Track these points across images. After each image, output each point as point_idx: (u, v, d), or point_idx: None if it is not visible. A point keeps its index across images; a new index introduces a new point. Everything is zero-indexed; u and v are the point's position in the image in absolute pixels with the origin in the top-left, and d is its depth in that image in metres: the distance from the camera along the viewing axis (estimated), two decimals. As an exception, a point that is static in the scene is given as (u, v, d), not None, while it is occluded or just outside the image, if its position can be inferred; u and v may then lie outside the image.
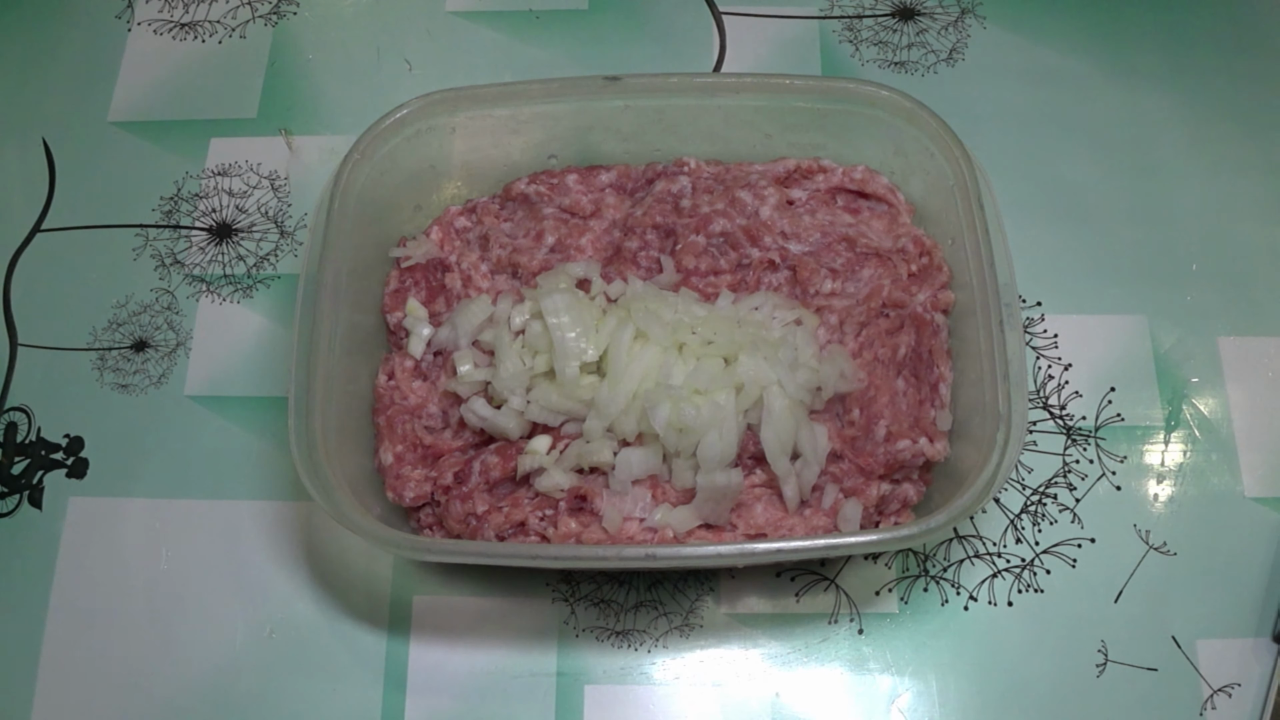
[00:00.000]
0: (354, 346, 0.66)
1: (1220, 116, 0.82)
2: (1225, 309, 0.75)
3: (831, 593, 0.68)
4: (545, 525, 0.63)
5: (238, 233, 0.80)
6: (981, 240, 0.63)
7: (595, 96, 0.69)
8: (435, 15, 0.88)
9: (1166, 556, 0.69)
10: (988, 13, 0.86)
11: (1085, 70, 0.83)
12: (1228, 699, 0.65)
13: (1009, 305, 0.61)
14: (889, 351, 0.67)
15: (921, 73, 0.84)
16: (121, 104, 0.85)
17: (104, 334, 0.77)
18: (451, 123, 0.69)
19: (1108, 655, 0.66)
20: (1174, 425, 0.72)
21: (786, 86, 0.68)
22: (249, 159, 0.82)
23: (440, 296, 0.70)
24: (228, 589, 0.69)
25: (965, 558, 0.69)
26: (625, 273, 0.69)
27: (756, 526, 0.63)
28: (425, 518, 0.67)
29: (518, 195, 0.73)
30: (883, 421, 0.65)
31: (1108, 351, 0.74)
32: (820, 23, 0.86)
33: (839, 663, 0.66)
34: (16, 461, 0.73)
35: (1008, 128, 0.81)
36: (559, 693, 0.66)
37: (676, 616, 0.68)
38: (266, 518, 0.71)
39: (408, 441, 0.67)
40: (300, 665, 0.67)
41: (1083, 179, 0.80)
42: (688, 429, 0.61)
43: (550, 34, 0.86)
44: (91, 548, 0.71)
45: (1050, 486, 0.71)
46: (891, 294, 0.68)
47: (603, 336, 0.64)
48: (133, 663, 0.68)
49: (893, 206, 0.72)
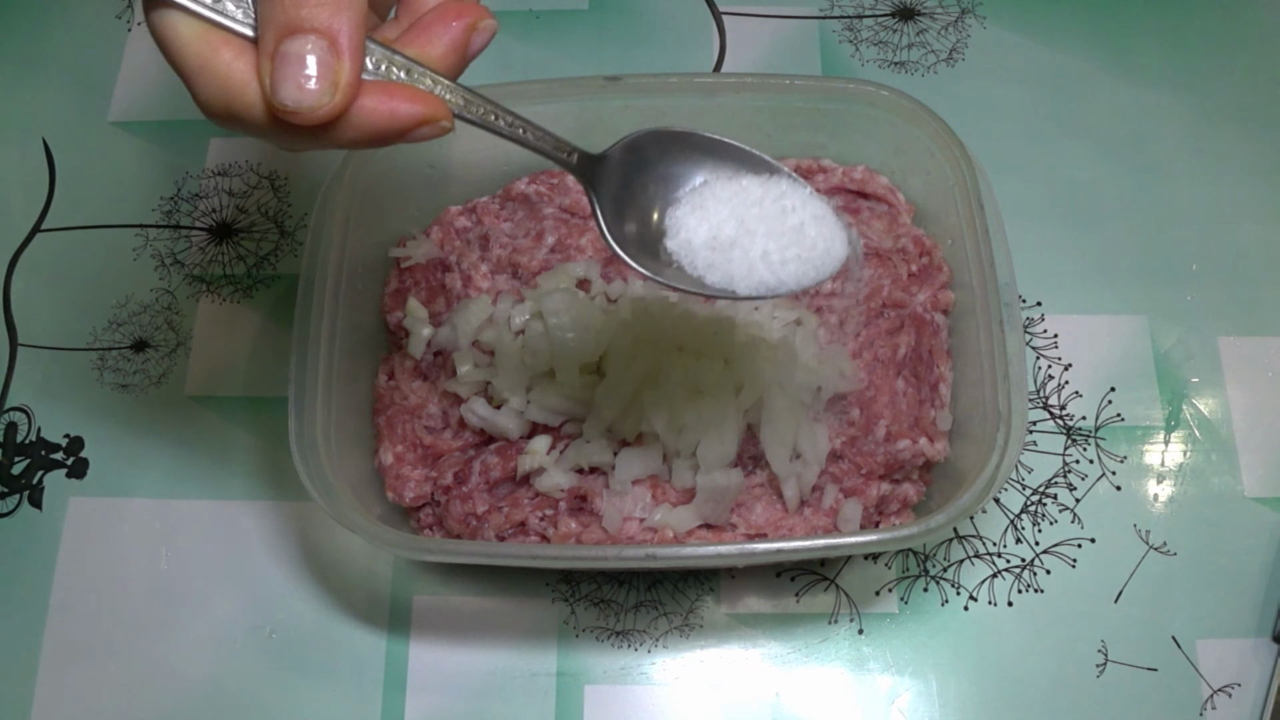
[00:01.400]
0: (354, 346, 0.66)
1: (1220, 116, 0.82)
2: (1225, 309, 0.75)
3: (831, 593, 0.68)
4: (545, 525, 0.63)
5: (238, 233, 0.80)
6: (981, 240, 0.63)
7: (595, 96, 0.69)
8: (435, 15, 0.87)
9: (1166, 556, 0.69)
10: (988, 13, 0.86)
11: (1085, 70, 0.83)
12: (1228, 699, 0.65)
13: (1009, 305, 0.61)
14: (889, 351, 0.67)
15: (921, 73, 0.84)
16: (121, 104, 0.85)
17: (104, 334, 0.77)
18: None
19: (1108, 655, 0.66)
20: (1174, 425, 0.72)
21: (786, 86, 0.68)
22: (249, 159, 0.82)
23: (440, 296, 0.70)
24: (228, 589, 0.69)
25: (965, 558, 0.69)
26: (625, 273, 0.69)
27: (756, 526, 0.63)
28: (425, 518, 0.67)
29: (518, 195, 0.73)
30: (883, 421, 0.65)
31: (1108, 351, 0.74)
32: (820, 23, 0.86)
33: (839, 663, 0.66)
34: (16, 461, 0.73)
35: (1008, 128, 0.81)
36: (559, 693, 0.66)
37: (676, 616, 0.68)
38: (266, 518, 0.71)
39: (408, 442, 0.67)
40: (300, 665, 0.67)
41: (1083, 179, 0.80)
42: (688, 429, 0.61)
43: (550, 34, 0.86)
44: (91, 548, 0.71)
45: (1050, 486, 0.71)
46: (891, 294, 0.68)
47: (603, 336, 0.64)
48: (133, 663, 0.68)
49: (893, 206, 0.72)
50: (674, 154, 0.50)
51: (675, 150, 0.50)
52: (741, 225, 0.47)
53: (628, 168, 0.49)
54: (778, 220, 0.47)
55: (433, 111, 0.42)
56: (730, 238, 0.47)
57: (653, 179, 0.49)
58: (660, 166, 0.50)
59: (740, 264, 0.47)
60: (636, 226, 0.49)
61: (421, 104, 0.41)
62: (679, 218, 0.49)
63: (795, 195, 0.49)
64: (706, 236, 0.47)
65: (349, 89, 0.39)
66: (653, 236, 0.49)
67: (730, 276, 0.47)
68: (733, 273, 0.47)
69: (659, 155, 0.50)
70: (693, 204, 0.49)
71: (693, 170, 0.50)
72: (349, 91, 0.40)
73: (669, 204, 0.49)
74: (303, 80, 0.38)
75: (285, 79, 0.39)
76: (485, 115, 0.45)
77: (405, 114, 0.41)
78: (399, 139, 0.42)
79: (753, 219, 0.47)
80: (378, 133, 0.41)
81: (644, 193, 0.49)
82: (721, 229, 0.47)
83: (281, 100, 0.39)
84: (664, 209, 0.49)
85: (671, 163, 0.50)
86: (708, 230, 0.47)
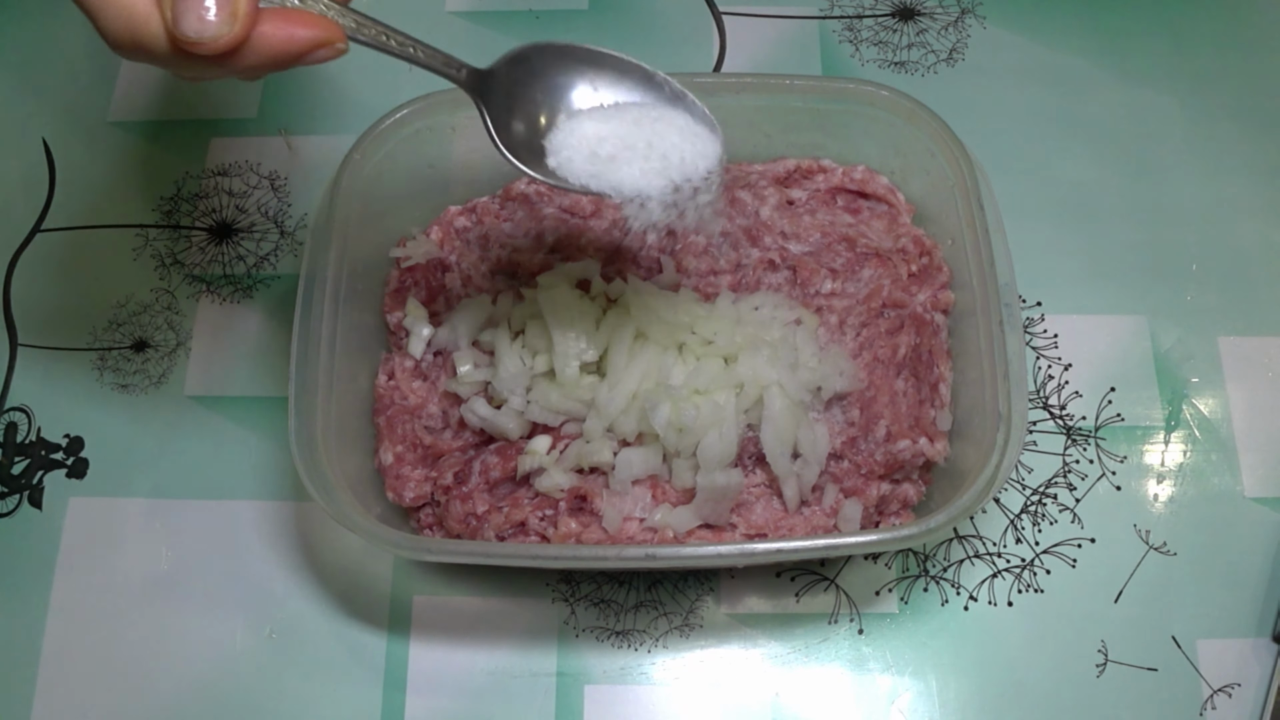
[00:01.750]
0: (354, 346, 0.66)
1: (1220, 116, 0.82)
2: (1225, 309, 0.75)
3: (831, 593, 0.68)
4: (545, 525, 0.63)
5: (238, 233, 0.80)
6: (981, 240, 0.63)
7: (595, 96, 0.69)
8: (435, 15, 0.88)
9: (1166, 556, 0.69)
10: (988, 13, 0.86)
11: (1085, 70, 0.83)
12: (1228, 699, 0.65)
13: (1009, 305, 0.61)
14: (889, 351, 0.67)
15: (921, 73, 0.84)
16: (121, 104, 0.85)
17: (104, 334, 0.77)
18: (451, 123, 0.69)
19: (1108, 655, 0.66)
20: (1174, 425, 0.72)
21: (786, 86, 0.68)
22: (249, 159, 0.82)
23: (440, 296, 0.70)
24: (228, 589, 0.69)
25: (965, 558, 0.69)
26: (625, 273, 0.69)
27: (756, 526, 0.63)
28: (425, 518, 0.67)
29: (518, 195, 0.73)
30: (883, 421, 0.65)
31: (1108, 351, 0.74)
32: (820, 23, 0.86)
33: (839, 663, 0.66)
34: (16, 461, 0.73)
35: (1008, 128, 0.81)
36: (559, 693, 0.66)
37: (676, 616, 0.68)
38: (266, 518, 0.71)
39: (408, 441, 0.67)
40: (300, 665, 0.67)
41: (1083, 179, 0.80)
42: (688, 429, 0.61)
43: (550, 34, 0.86)
44: (91, 548, 0.71)
45: (1050, 486, 0.71)
46: (891, 294, 0.68)
47: (603, 336, 0.64)
48: (133, 663, 0.68)
49: (893, 206, 0.72)
50: (558, 66, 0.54)
51: (559, 62, 0.54)
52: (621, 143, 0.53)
53: (514, 81, 0.54)
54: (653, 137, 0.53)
55: (328, 34, 0.44)
56: (610, 154, 0.53)
57: (539, 90, 0.54)
58: (545, 78, 0.54)
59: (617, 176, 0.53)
60: (525, 134, 0.54)
61: (317, 28, 0.44)
62: (565, 134, 0.53)
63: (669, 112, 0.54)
64: (588, 152, 0.53)
65: (247, 18, 0.42)
66: (541, 148, 0.54)
67: (609, 185, 0.53)
68: (611, 181, 0.53)
69: (543, 67, 0.54)
70: (576, 123, 0.54)
71: (576, 80, 0.54)
72: (247, 21, 0.42)
73: (555, 120, 0.54)
74: (203, 12, 0.41)
75: (186, 11, 0.41)
76: (378, 36, 0.48)
77: (302, 38, 0.44)
78: (297, 63, 0.44)
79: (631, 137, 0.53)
80: (277, 58, 0.44)
81: (531, 103, 0.54)
82: (601, 146, 0.53)
83: (183, 32, 0.41)
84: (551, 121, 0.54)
85: (556, 74, 0.54)
86: (589, 147, 0.53)
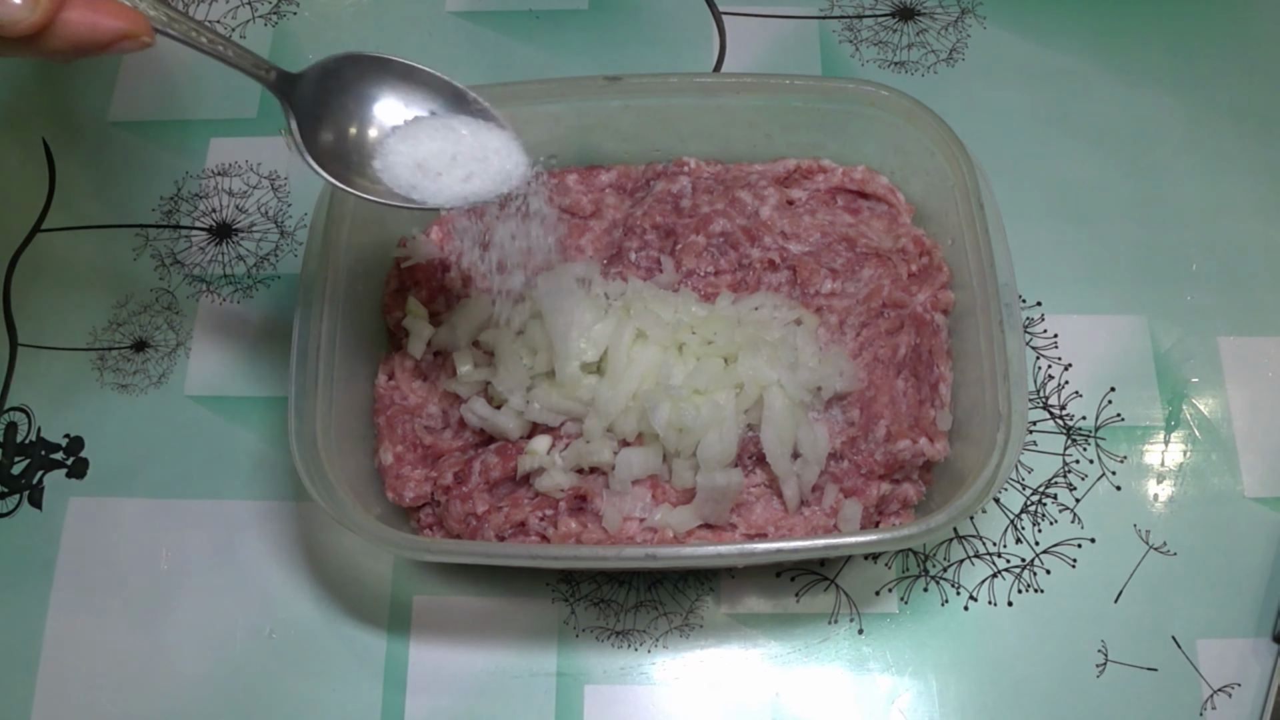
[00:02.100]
0: (354, 346, 0.66)
1: (1220, 116, 0.82)
2: (1225, 309, 0.75)
3: (831, 593, 0.68)
4: (545, 525, 0.63)
5: (238, 233, 0.80)
6: (981, 240, 0.63)
7: (595, 96, 0.69)
8: (435, 15, 0.88)
9: (1166, 556, 0.69)
10: (988, 13, 0.86)
11: (1085, 70, 0.83)
12: (1228, 699, 0.65)
13: (1009, 305, 0.61)
14: (889, 351, 0.67)
15: (921, 73, 0.84)
16: (121, 104, 0.85)
17: (104, 334, 0.77)
18: (451, 123, 0.69)
19: (1108, 655, 0.66)
20: (1174, 425, 0.72)
21: (786, 86, 0.68)
22: (249, 159, 0.82)
23: (440, 296, 0.70)
24: (228, 589, 0.69)
25: (965, 558, 0.69)
26: (625, 273, 0.69)
27: (756, 526, 0.63)
28: (425, 518, 0.67)
29: (518, 195, 0.73)
30: (883, 421, 0.65)
31: (1108, 351, 0.74)
32: (820, 23, 0.86)
33: (839, 663, 0.66)
34: (16, 461, 0.73)
35: (1008, 128, 0.81)
36: (559, 693, 0.66)
37: (676, 616, 0.68)
38: (266, 518, 0.71)
39: (408, 441, 0.67)
40: (300, 665, 0.67)
41: (1083, 179, 0.80)
42: (688, 429, 0.61)
43: (550, 34, 0.86)
44: (91, 548, 0.71)
45: (1050, 486, 0.71)
46: (891, 294, 0.68)
47: (603, 336, 0.64)
48: (133, 663, 0.68)
49: (893, 206, 0.72)
50: (370, 77, 0.56)
51: (371, 74, 0.56)
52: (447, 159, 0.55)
53: (325, 89, 0.55)
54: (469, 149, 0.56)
55: (133, 26, 0.45)
56: (436, 169, 0.55)
57: (350, 99, 0.55)
58: (356, 88, 0.55)
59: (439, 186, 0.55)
60: (334, 142, 0.55)
61: (123, 19, 0.45)
62: (391, 144, 0.55)
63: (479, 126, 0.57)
64: (413, 164, 0.55)
65: (50, 5, 0.42)
66: (359, 154, 0.55)
67: (429, 194, 0.55)
68: (432, 191, 0.55)
69: (355, 78, 0.55)
70: (404, 135, 0.55)
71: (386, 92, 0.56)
72: (50, 7, 0.42)
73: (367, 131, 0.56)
74: None
75: None
76: (187, 32, 0.49)
77: (106, 28, 0.44)
78: (102, 51, 0.45)
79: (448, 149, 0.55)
80: (80, 44, 0.44)
81: (342, 112, 0.55)
82: (429, 161, 0.55)
83: None
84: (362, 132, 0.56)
85: (367, 85, 0.56)
86: (416, 160, 0.55)
